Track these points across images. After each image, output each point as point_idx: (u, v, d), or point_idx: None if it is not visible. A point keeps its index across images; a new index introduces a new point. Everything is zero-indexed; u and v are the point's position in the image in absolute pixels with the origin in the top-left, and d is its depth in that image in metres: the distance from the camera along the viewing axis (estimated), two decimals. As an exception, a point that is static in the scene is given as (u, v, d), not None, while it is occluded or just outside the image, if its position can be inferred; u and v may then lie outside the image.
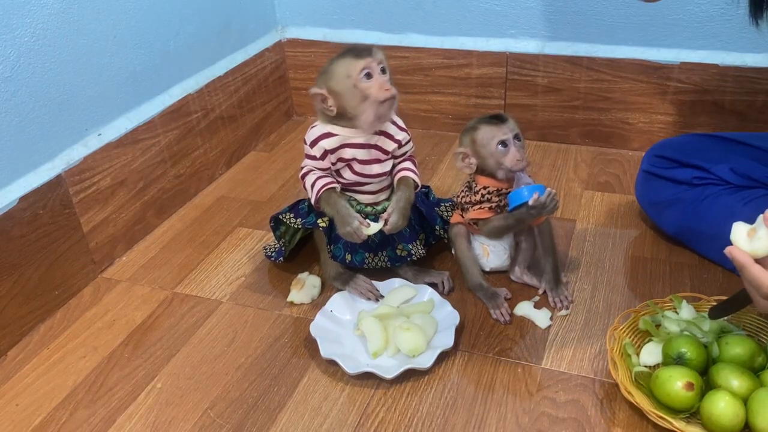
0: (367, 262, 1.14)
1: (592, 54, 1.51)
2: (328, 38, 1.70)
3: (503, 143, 1.04)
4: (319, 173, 1.09)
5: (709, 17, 1.41)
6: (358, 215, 1.06)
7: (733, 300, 0.88)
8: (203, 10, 1.46)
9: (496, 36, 1.57)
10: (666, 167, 1.19)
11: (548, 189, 1.01)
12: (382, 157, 1.09)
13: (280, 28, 1.75)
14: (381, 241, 1.13)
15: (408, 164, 1.13)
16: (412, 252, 1.13)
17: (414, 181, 1.11)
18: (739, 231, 0.80)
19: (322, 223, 1.10)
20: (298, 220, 1.14)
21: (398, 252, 1.13)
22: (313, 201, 1.10)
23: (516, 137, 1.04)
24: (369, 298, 1.11)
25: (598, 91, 1.54)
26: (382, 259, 1.14)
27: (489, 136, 1.04)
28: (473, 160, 1.07)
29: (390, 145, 1.09)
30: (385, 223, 1.07)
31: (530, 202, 1.00)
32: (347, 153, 1.07)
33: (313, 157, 1.08)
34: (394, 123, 1.10)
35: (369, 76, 1.01)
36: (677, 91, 1.48)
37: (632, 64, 1.48)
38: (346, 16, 1.67)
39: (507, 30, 1.56)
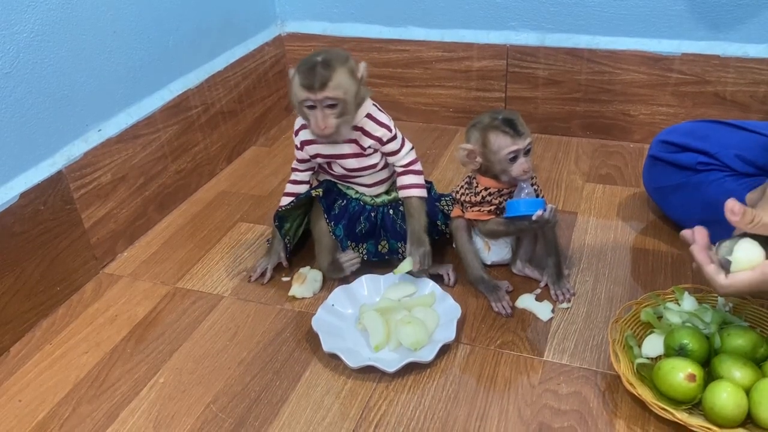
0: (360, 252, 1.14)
1: (593, 46, 1.50)
2: (328, 32, 1.70)
3: (514, 155, 1.04)
4: (293, 178, 1.16)
5: (710, 7, 1.40)
6: (279, 251, 1.16)
7: None
8: (202, 4, 1.46)
9: (497, 28, 1.57)
10: (671, 152, 1.19)
11: (549, 205, 1.02)
12: (361, 152, 1.09)
13: (279, 22, 1.74)
14: (376, 233, 1.14)
15: (409, 179, 1.11)
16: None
17: (420, 198, 1.11)
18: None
19: (315, 192, 1.11)
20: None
21: (399, 248, 1.13)
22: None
23: (527, 151, 1.04)
24: (354, 267, 1.14)
25: (599, 83, 1.53)
26: (383, 247, 1.14)
27: (502, 145, 1.03)
28: (478, 159, 1.06)
29: (367, 141, 1.07)
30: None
31: (534, 218, 1.01)
32: (323, 149, 1.09)
33: (297, 147, 1.12)
34: (373, 119, 1.07)
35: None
36: (678, 82, 1.47)
37: (633, 56, 1.48)
38: (346, 10, 1.67)
39: (507, 22, 1.55)
